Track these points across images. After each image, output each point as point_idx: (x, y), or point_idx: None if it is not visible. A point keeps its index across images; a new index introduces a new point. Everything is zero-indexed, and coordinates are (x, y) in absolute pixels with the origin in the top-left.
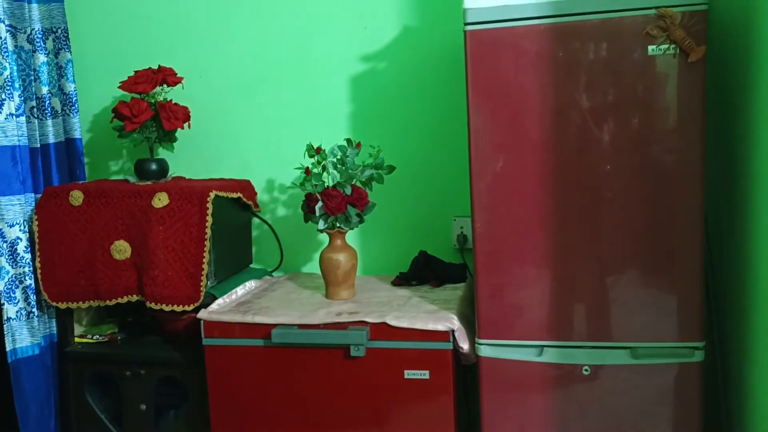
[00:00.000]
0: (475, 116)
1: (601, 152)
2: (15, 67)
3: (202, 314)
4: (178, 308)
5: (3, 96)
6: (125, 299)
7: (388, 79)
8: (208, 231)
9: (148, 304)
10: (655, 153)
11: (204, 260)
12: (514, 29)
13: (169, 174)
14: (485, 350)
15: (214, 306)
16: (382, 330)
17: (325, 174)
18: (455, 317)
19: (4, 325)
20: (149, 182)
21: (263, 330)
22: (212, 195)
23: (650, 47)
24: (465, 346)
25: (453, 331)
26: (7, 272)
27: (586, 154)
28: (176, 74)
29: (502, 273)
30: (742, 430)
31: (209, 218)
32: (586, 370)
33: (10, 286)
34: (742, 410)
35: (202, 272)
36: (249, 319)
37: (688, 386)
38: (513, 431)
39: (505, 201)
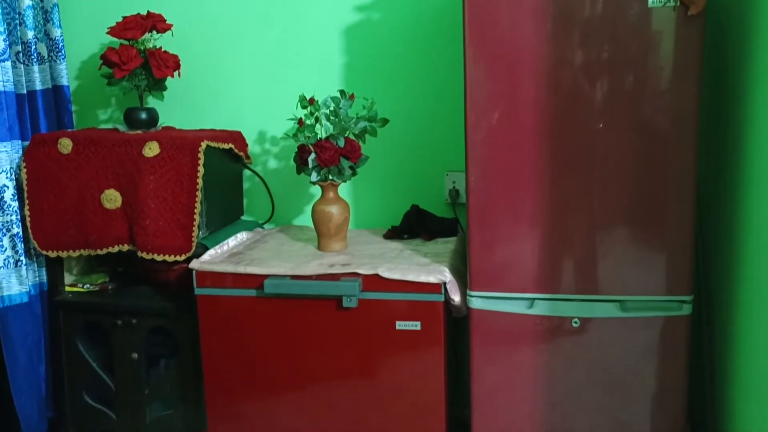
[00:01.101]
0: (471, 68)
1: (594, 109)
2: None
3: (195, 264)
4: (170, 258)
5: None
6: (116, 249)
7: (382, 31)
8: (200, 181)
9: (139, 253)
10: (649, 111)
11: (196, 211)
12: None
13: (159, 124)
14: (476, 302)
15: (206, 256)
16: (374, 282)
17: (317, 126)
18: (447, 270)
19: None
20: (139, 131)
21: (256, 281)
22: (204, 145)
23: None
24: (456, 298)
25: (445, 283)
26: None
27: (580, 111)
28: (165, 21)
29: (495, 226)
30: (726, 383)
31: (201, 168)
32: (575, 322)
33: None
34: (727, 363)
35: (194, 223)
36: (242, 269)
37: (675, 340)
38: (501, 383)
39: (500, 155)
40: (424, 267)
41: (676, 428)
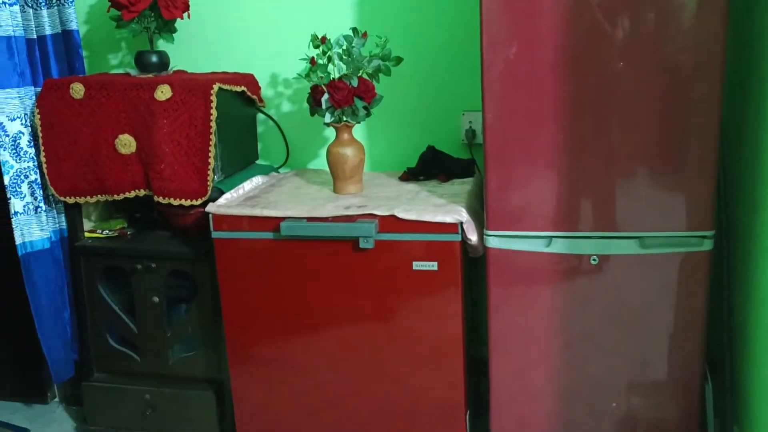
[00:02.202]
0: (488, 1)
1: (615, 47)
2: None
3: (211, 208)
4: (186, 202)
5: None
6: (132, 194)
7: None
8: (213, 125)
9: (155, 198)
10: (672, 50)
11: (210, 154)
12: None
13: (171, 67)
14: (493, 241)
15: (222, 200)
16: (390, 222)
17: (330, 66)
18: (464, 210)
19: (12, 219)
20: (150, 75)
21: (272, 223)
22: (216, 87)
23: None
24: (473, 238)
25: (461, 223)
26: (11, 167)
27: (600, 49)
28: None
29: (512, 165)
30: (745, 319)
31: (214, 111)
32: (593, 260)
33: (15, 181)
34: (747, 299)
35: (209, 166)
36: (258, 212)
37: (695, 276)
38: (518, 322)
39: (517, 92)
40: (441, 207)
41: (694, 367)
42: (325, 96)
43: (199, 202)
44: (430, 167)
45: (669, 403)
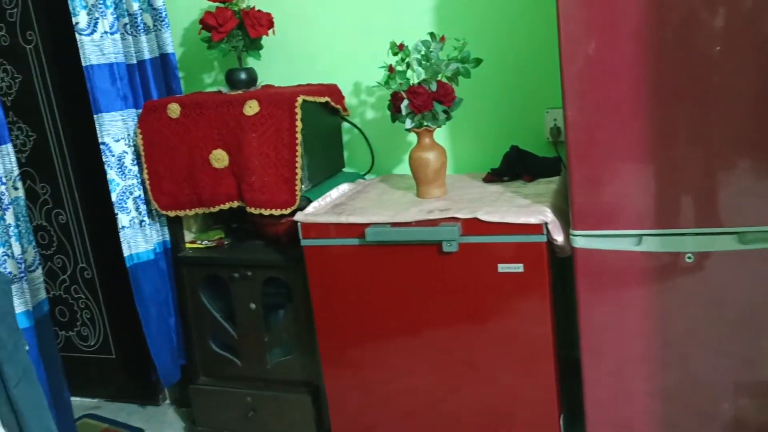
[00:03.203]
0: None
1: (709, 31)
2: None
3: (299, 216)
4: (276, 212)
5: (96, 15)
6: (227, 205)
7: None
8: (299, 136)
9: (248, 209)
10: None
11: (297, 165)
12: None
13: (259, 82)
14: (580, 241)
15: (309, 209)
16: (473, 225)
17: (409, 71)
18: (548, 210)
19: (120, 233)
20: (240, 91)
21: (357, 229)
22: (300, 100)
23: None
24: (559, 238)
25: (546, 223)
26: (117, 184)
27: (691, 34)
28: None
29: (597, 162)
30: None
31: (299, 123)
32: (689, 258)
33: (121, 197)
34: None
35: (296, 176)
36: (343, 219)
37: None
38: (611, 323)
39: (599, 86)
40: (525, 208)
41: None
42: (405, 102)
43: (289, 211)
44: (514, 167)
45: None
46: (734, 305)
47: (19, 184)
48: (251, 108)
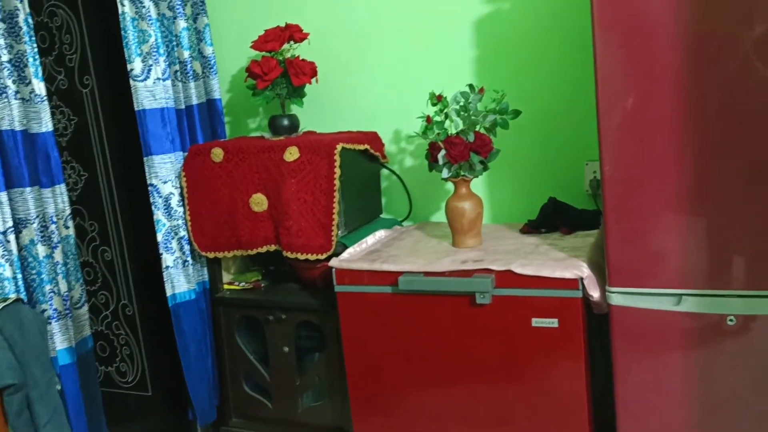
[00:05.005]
0: (601, 48)
1: (763, 83)
2: (159, 34)
3: (333, 262)
4: (312, 257)
5: (150, 62)
6: (264, 249)
7: (512, 21)
8: (337, 182)
9: (284, 253)
10: None
11: (334, 211)
12: None
13: (300, 129)
14: (616, 298)
15: (344, 255)
16: (507, 278)
17: (448, 121)
18: (585, 264)
19: (164, 273)
20: (282, 137)
21: (391, 277)
22: (339, 147)
23: None
24: (595, 294)
25: (582, 278)
26: (164, 225)
27: (740, 83)
28: (302, 31)
29: (635, 217)
30: None
31: (337, 170)
32: (731, 320)
33: (167, 237)
34: None
35: (333, 222)
36: (377, 266)
37: None
38: (649, 385)
39: (637, 140)
40: (560, 262)
41: None
42: (442, 152)
43: (324, 256)
44: (552, 219)
45: None
46: None
47: (70, 223)
48: (291, 154)
